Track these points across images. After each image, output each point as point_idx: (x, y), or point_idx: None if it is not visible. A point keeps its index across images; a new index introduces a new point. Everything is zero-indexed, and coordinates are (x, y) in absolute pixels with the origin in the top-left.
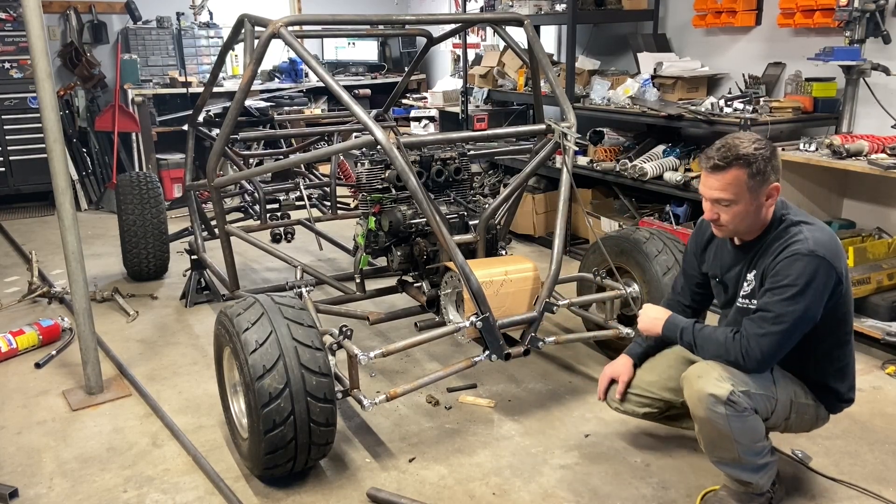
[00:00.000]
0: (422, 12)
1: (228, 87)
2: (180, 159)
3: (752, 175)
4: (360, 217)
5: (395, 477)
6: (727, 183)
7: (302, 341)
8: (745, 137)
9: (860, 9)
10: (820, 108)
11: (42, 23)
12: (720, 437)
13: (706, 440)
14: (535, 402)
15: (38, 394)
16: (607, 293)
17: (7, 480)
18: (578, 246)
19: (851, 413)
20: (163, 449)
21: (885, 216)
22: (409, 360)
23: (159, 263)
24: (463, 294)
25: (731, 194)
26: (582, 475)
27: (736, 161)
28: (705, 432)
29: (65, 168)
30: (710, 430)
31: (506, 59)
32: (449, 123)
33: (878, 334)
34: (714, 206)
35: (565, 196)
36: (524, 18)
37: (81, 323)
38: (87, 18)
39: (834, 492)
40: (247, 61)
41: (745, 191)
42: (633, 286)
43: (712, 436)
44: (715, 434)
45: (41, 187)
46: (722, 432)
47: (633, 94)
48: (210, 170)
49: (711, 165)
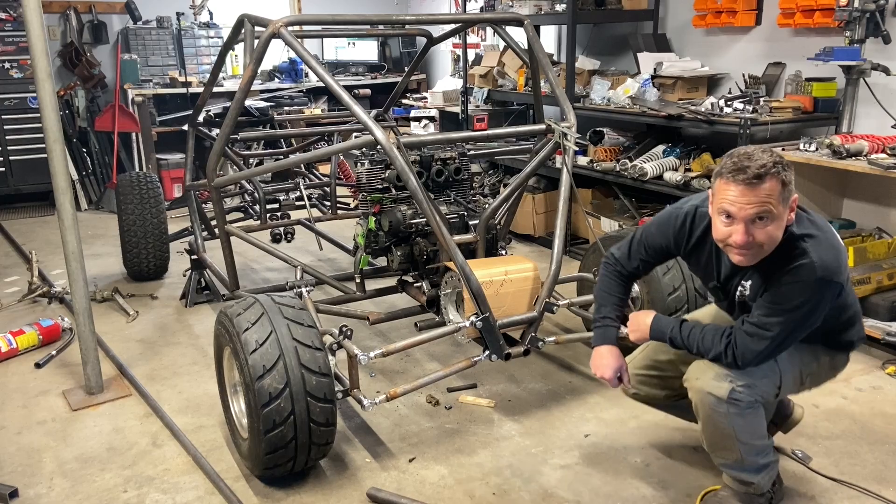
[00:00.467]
0: (422, 12)
1: (228, 87)
2: (180, 159)
3: (784, 185)
4: (360, 217)
5: (395, 477)
6: (767, 195)
7: (302, 341)
8: (759, 149)
9: (860, 9)
10: (820, 108)
11: (42, 23)
12: (723, 437)
13: (709, 441)
14: (535, 402)
15: (38, 394)
16: None
17: (7, 480)
18: (578, 246)
19: (851, 413)
20: (163, 449)
21: (885, 216)
22: (409, 360)
23: (159, 263)
24: (463, 294)
25: (770, 208)
26: (582, 475)
27: (773, 170)
28: (708, 433)
29: (65, 168)
30: (713, 430)
31: (506, 59)
32: (449, 123)
33: (878, 334)
34: (749, 228)
35: (565, 196)
36: (524, 18)
37: (81, 323)
38: (87, 18)
39: (834, 492)
40: (247, 61)
41: (780, 203)
42: (633, 286)
43: (715, 436)
44: (718, 434)
45: (41, 187)
46: (725, 432)
47: (633, 94)
48: (210, 170)
49: (750, 177)
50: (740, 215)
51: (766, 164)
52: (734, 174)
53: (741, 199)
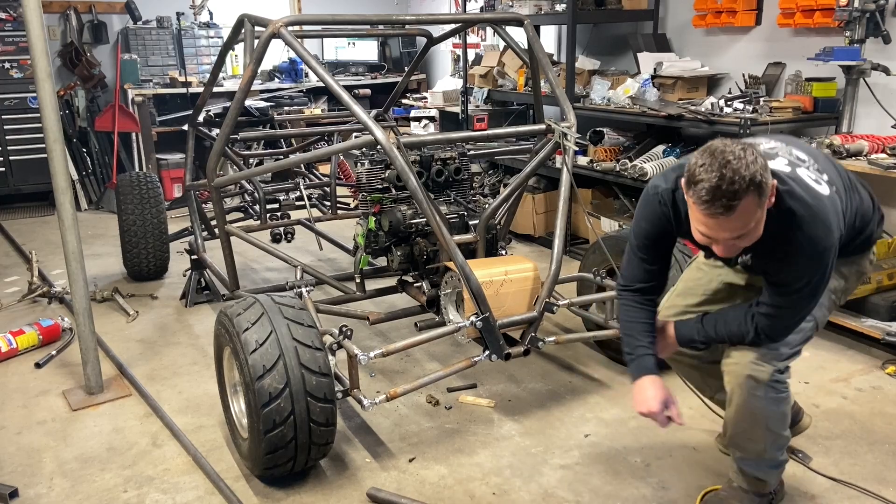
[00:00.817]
0: (422, 12)
1: (228, 87)
2: (180, 159)
3: (761, 194)
4: (360, 217)
5: (395, 477)
6: (742, 215)
7: (302, 341)
8: (729, 150)
9: (860, 9)
10: (820, 108)
11: (42, 23)
12: (753, 426)
13: (737, 431)
14: (535, 402)
15: (38, 394)
16: (607, 293)
17: (7, 480)
18: (578, 246)
19: (851, 413)
20: (163, 449)
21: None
22: (409, 360)
23: (159, 263)
24: (463, 294)
25: (749, 223)
26: (582, 475)
27: (745, 193)
28: (739, 421)
29: (65, 168)
30: (746, 417)
31: (506, 59)
32: (449, 123)
33: (878, 334)
34: (729, 244)
35: (565, 196)
36: (524, 18)
37: (81, 323)
38: (87, 18)
39: (834, 492)
40: (247, 61)
41: (759, 209)
42: None
43: (745, 425)
44: (748, 422)
45: (41, 187)
46: (757, 419)
47: (633, 94)
48: (210, 170)
49: (721, 208)
50: (719, 238)
51: (738, 186)
52: (706, 206)
53: (716, 228)
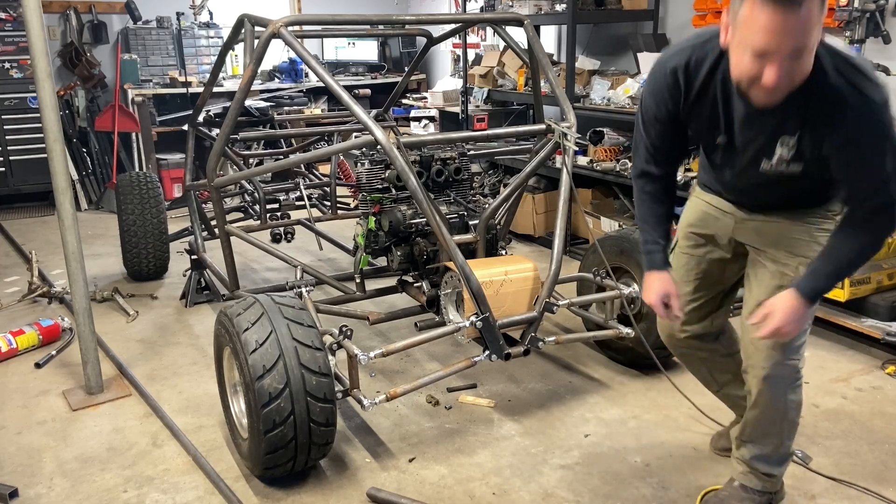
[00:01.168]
0: (422, 12)
1: (228, 87)
2: (180, 159)
3: (821, 6)
4: (360, 217)
5: (395, 477)
6: (806, 17)
7: (302, 341)
8: None
9: (860, 9)
10: None
11: (42, 23)
12: (774, 419)
13: (757, 426)
14: (535, 402)
15: (38, 394)
16: (607, 293)
17: (7, 480)
18: (578, 246)
19: (851, 413)
20: (163, 449)
21: None
22: (409, 360)
23: (159, 263)
24: (463, 294)
25: (809, 34)
26: (582, 475)
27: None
28: (761, 416)
29: (65, 168)
30: (769, 411)
31: (506, 59)
32: (449, 123)
33: (878, 334)
34: (785, 65)
35: (565, 196)
36: (524, 18)
37: (81, 323)
38: (87, 18)
39: (834, 492)
40: (247, 61)
41: (817, 25)
42: (633, 286)
43: (766, 418)
44: (770, 415)
45: (41, 187)
46: (779, 410)
47: (633, 94)
48: (210, 170)
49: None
50: (778, 50)
51: None
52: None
53: (778, 30)
